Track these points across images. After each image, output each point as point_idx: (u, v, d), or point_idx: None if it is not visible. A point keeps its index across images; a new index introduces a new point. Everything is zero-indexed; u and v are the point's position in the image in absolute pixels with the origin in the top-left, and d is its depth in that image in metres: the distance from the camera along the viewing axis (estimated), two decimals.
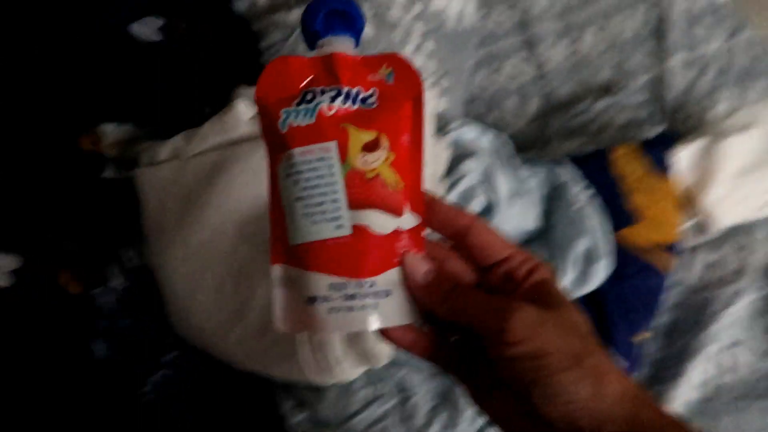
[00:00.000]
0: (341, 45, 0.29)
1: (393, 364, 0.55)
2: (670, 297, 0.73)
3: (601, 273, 0.60)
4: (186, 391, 0.62)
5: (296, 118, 0.28)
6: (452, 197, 0.60)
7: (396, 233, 0.29)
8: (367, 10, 0.68)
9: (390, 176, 0.28)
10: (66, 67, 0.62)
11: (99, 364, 0.59)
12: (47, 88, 0.60)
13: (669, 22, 0.93)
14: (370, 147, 0.28)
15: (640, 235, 0.66)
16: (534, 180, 0.68)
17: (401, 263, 0.29)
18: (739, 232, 0.75)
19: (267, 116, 0.29)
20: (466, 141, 0.66)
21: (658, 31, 0.93)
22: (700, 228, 0.75)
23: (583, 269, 0.60)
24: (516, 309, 0.26)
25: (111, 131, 0.64)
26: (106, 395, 0.57)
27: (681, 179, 0.73)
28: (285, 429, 0.57)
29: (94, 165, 0.61)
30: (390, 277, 0.29)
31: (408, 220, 0.29)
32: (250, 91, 0.60)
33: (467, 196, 0.61)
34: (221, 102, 0.67)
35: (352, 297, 0.28)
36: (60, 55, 0.61)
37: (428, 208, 0.30)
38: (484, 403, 0.30)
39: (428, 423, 0.54)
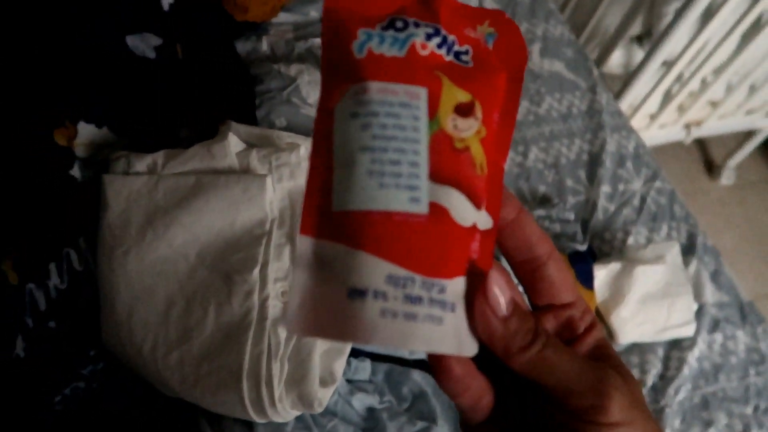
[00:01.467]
0: None
1: (325, 413, 0.56)
2: None
3: None
4: (98, 408, 0.59)
5: (380, 45, 0.21)
6: None
7: (473, 229, 0.22)
8: None
9: (479, 155, 0.22)
10: (54, 60, 0.62)
11: (13, 364, 0.55)
12: (35, 74, 0.60)
13: (600, 159, 1.06)
14: (464, 110, 0.21)
15: None
16: None
17: (471, 275, 0.22)
18: (638, 350, 0.84)
19: (336, 33, 0.22)
20: None
21: (590, 164, 1.06)
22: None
23: None
24: (617, 384, 0.22)
25: (88, 131, 0.63)
26: (17, 397, 0.54)
27: (597, 294, 0.82)
28: None
29: (63, 160, 0.60)
30: (458, 286, 0.21)
31: (484, 219, 0.22)
32: (240, 128, 0.63)
33: None
34: (200, 129, 0.69)
35: (416, 300, 0.20)
36: (50, 47, 0.61)
37: (515, 220, 0.24)
38: None
39: None
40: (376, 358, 0.63)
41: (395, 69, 0.21)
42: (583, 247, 0.85)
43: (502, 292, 0.22)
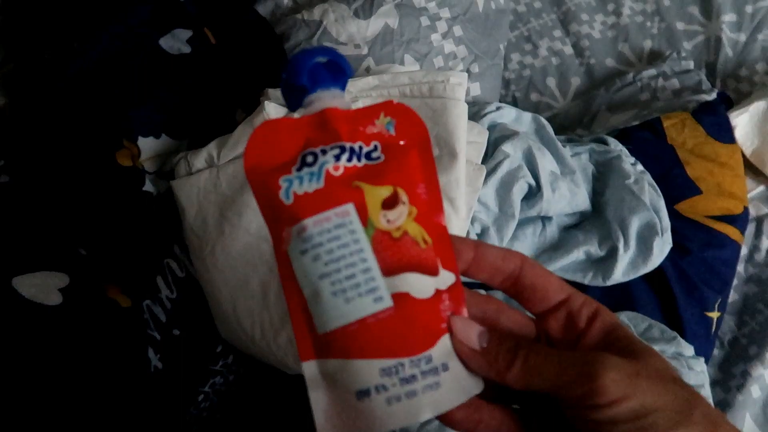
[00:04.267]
0: (332, 99, 0.26)
1: None
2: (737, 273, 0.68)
3: (664, 248, 0.57)
4: (237, 398, 0.61)
5: (301, 185, 0.24)
6: (492, 183, 0.58)
7: (437, 295, 0.25)
8: None
9: (417, 232, 0.25)
10: (97, 85, 0.63)
11: (154, 376, 0.59)
12: (82, 105, 0.61)
13: None
14: (390, 203, 0.25)
15: (701, 206, 0.61)
16: (578, 159, 0.65)
17: (449, 329, 0.25)
18: None
19: (263, 189, 0.25)
20: (503, 124, 0.64)
21: None
22: None
23: (643, 246, 0.56)
24: (604, 364, 0.22)
25: (148, 145, 0.64)
26: (161, 407, 0.57)
27: (744, 144, 0.68)
28: None
29: (133, 179, 0.62)
30: (443, 347, 0.25)
31: (444, 278, 0.26)
32: (277, 93, 0.59)
33: (508, 180, 0.58)
34: (253, 105, 0.67)
35: (411, 379, 0.23)
36: (88, 74, 0.62)
37: (475, 256, 0.26)
38: None
39: None
40: None
41: (320, 199, 0.24)
42: (711, 96, 0.71)
43: (469, 330, 0.25)
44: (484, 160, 0.59)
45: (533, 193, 0.59)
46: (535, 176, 0.59)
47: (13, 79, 0.71)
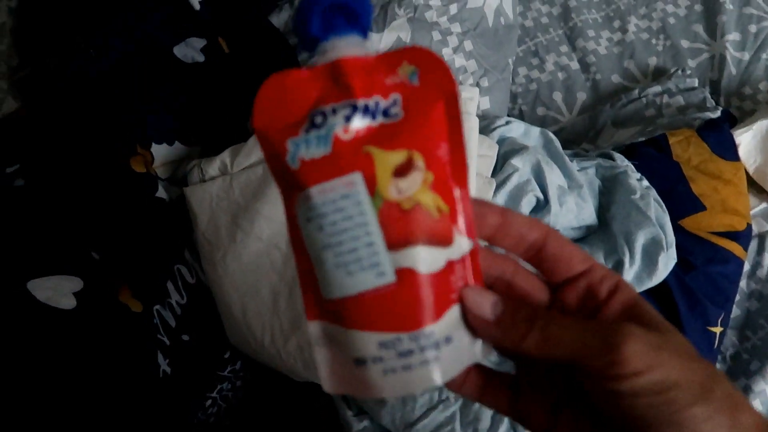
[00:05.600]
0: (348, 47, 0.24)
1: None
2: (740, 288, 0.69)
3: (669, 263, 0.57)
4: (244, 403, 0.62)
5: (308, 149, 0.23)
6: (501, 196, 0.59)
7: (448, 266, 0.24)
8: (403, 12, 0.68)
9: (431, 201, 0.23)
10: (111, 92, 0.63)
11: (162, 381, 0.59)
12: (96, 112, 0.62)
13: (717, 3, 0.89)
14: (402, 170, 0.23)
15: (705, 223, 0.62)
16: (585, 174, 0.66)
17: (460, 300, 0.24)
18: None
19: (272, 150, 0.24)
20: (512, 138, 0.65)
21: (707, 13, 0.89)
22: None
23: (648, 261, 0.57)
24: (629, 334, 0.22)
25: (162, 151, 0.65)
26: (170, 411, 0.58)
27: (747, 162, 0.69)
28: None
29: (146, 186, 0.62)
30: (449, 319, 0.24)
31: (459, 246, 0.24)
32: None
33: (517, 194, 0.59)
34: None
35: (408, 353, 0.23)
36: (102, 81, 0.63)
37: (502, 223, 0.26)
38: None
39: (494, 426, 0.52)
40: None
41: (326, 167, 0.23)
42: (715, 114, 0.72)
43: (482, 300, 0.24)
44: (494, 174, 0.60)
45: (541, 207, 0.60)
46: (543, 190, 0.60)
47: (29, 85, 0.72)
